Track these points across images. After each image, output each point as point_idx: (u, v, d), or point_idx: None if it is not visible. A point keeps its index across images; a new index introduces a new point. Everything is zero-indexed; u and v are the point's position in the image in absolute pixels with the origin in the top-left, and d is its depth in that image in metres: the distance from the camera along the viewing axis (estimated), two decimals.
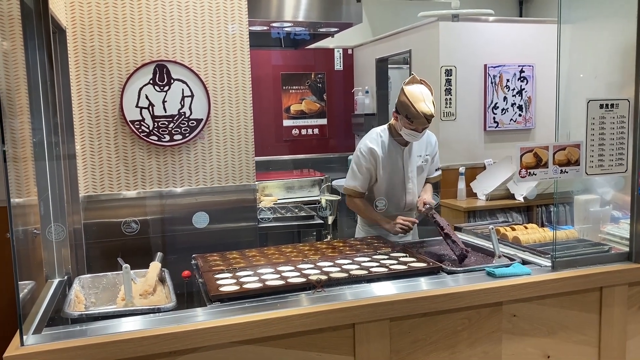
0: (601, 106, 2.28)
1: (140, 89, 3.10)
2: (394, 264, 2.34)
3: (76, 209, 3.05)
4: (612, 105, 2.29)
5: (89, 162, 3.11)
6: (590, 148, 2.28)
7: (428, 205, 2.82)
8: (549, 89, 4.69)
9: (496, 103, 4.66)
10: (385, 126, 2.99)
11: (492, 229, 2.47)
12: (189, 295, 2.19)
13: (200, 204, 3.25)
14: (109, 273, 2.37)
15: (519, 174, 2.19)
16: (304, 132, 5.90)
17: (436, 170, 3.15)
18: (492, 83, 4.62)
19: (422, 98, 2.71)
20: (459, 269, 2.30)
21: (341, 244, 2.73)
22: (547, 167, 2.22)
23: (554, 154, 2.22)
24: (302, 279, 2.13)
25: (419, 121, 2.73)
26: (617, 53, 2.95)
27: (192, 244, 3.14)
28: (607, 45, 3.01)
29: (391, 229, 2.89)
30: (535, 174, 2.21)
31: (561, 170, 2.24)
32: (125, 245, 3.13)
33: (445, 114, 4.52)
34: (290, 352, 1.85)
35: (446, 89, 4.50)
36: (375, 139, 2.95)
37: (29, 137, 2.45)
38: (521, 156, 2.18)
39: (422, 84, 2.80)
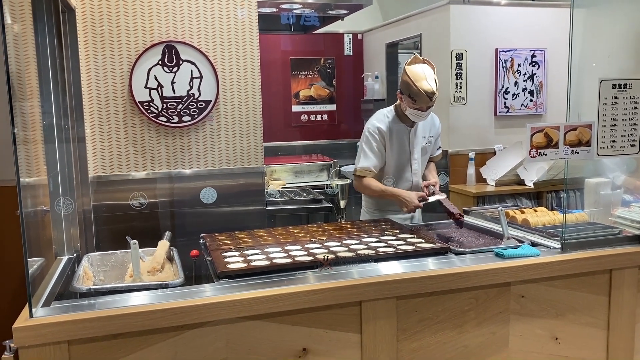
0: (614, 86, 2.25)
1: (149, 69, 3.10)
2: (401, 245, 2.34)
3: (85, 191, 3.07)
4: (625, 85, 2.26)
5: (98, 143, 3.12)
6: (602, 129, 2.25)
7: (432, 188, 2.83)
8: (561, 74, 4.65)
9: (507, 88, 4.61)
10: (392, 107, 2.98)
11: (501, 210, 2.45)
12: (197, 273, 2.20)
13: (209, 186, 3.26)
14: (118, 251, 2.39)
15: (529, 153, 2.16)
16: (313, 117, 5.88)
17: (437, 149, 3.14)
18: (503, 67, 4.57)
19: (423, 76, 2.70)
20: (466, 249, 2.29)
21: (349, 225, 2.73)
22: (558, 148, 2.19)
23: (565, 134, 2.19)
24: (310, 258, 2.13)
25: (422, 99, 2.71)
26: (631, 39, 2.90)
27: (200, 226, 3.16)
28: (621, 31, 2.96)
29: (410, 201, 2.77)
30: (546, 154, 2.19)
31: (572, 150, 2.22)
32: (134, 226, 3.15)
33: (455, 98, 4.48)
34: (297, 328, 1.86)
35: (457, 73, 4.45)
36: (381, 119, 2.93)
37: (39, 120, 2.46)
38: (531, 136, 2.15)
39: (424, 63, 2.79)
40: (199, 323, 1.75)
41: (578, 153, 2.23)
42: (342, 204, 3.08)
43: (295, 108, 5.79)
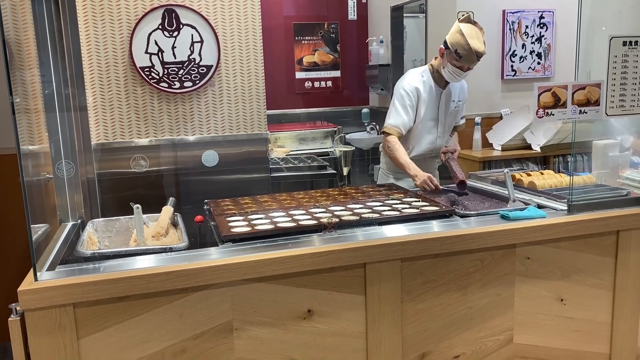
0: (624, 43, 2.19)
1: (150, 34, 3.05)
2: (406, 208, 2.32)
3: (89, 158, 3.06)
4: (636, 42, 2.20)
5: (99, 110, 3.10)
6: (611, 87, 2.20)
7: (449, 154, 2.83)
8: (570, 36, 4.54)
9: (514, 50, 4.52)
10: (426, 67, 2.95)
11: (507, 173, 2.42)
12: (202, 238, 2.20)
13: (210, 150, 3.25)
14: (122, 217, 2.38)
15: (536, 113, 2.12)
16: (317, 84, 5.81)
17: (461, 118, 3.13)
18: (510, 29, 4.47)
19: (476, 36, 2.70)
20: (471, 212, 2.27)
21: (353, 190, 2.71)
22: (566, 107, 2.15)
23: (573, 93, 2.15)
24: (314, 221, 2.12)
25: (469, 58, 2.70)
26: None
27: (204, 193, 3.15)
28: None
29: (417, 178, 2.74)
30: (553, 114, 2.14)
31: (580, 110, 2.17)
32: (138, 193, 3.15)
33: None
34: (302, 290, 1.86)
35: None
36: (418, 79, 2.92)
37: (39, 89, 2.44)
38: (539, 95, 2.11)
39: (475, 25, 2.76)
40: (204, 285, 1.75)
41: (586, 113, 2.18)
42: (345, 170, 3.06)
43: (299, 75, 5.72)
